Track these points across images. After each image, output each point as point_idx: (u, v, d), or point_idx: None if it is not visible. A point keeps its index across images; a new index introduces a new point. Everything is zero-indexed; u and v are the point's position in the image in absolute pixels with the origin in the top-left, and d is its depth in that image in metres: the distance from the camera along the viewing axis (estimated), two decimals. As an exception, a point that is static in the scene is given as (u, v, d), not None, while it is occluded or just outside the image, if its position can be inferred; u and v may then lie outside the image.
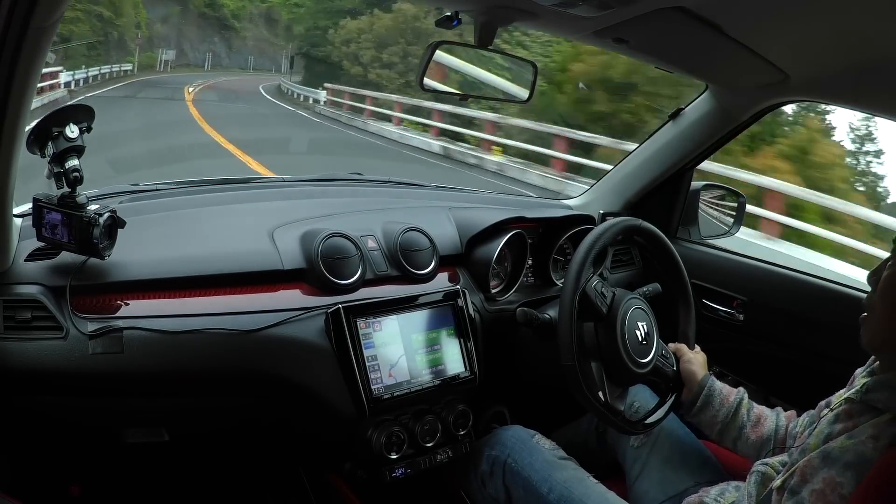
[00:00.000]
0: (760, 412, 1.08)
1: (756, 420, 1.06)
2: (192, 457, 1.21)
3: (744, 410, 1.07)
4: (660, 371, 1.14)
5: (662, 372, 1.14)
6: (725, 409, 1.07)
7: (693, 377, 1.12)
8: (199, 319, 0.98)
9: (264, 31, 34.11)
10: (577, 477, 1.07)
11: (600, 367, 1.09)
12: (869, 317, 0.82)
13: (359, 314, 1.08)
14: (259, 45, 34.14)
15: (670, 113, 1.49)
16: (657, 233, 1.21)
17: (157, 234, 1.07)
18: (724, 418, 1.07)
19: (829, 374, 1.01)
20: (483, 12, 0.97)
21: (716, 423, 1.08)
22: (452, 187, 1.69)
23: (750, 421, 1.06)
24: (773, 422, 1.06)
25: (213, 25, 32.26)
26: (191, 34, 31.10)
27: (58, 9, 0.70)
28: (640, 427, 1.11)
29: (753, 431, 1.05)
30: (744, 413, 1.07)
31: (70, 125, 0.90)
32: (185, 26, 30.55)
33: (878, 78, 1.00)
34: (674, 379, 1.15)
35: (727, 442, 1.08)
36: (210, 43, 31.98)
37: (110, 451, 1.12)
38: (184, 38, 30.47)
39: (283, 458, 1.28)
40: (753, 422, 1.06)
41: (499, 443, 1.15)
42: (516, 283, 1.33)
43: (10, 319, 0.88)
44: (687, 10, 0.87)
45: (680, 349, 1.18)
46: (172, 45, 28.09)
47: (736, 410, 1.07)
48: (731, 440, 1.07)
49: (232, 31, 33.21)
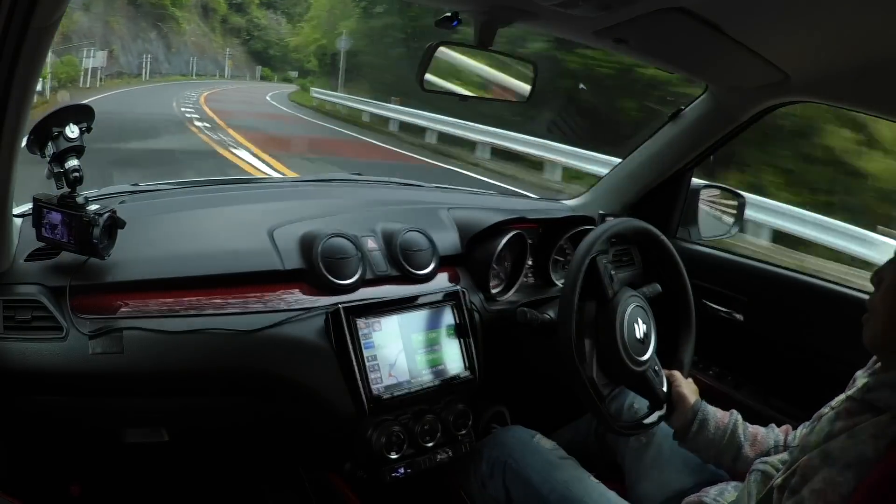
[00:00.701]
0: (756, 431, 1.06)
1: (753, 438, 1.05)
2: (192, 457, 1.22)
3: (740, 431, 1.05)
4: (649, 384, 1.11)
5: (652, 387, 1.11)
6: (721, 432, 1.05)
7: (685, 401, 1.09)
8: (199, 319, 0.98)
9: (202, 24, 26.16)
10: (577, 477, 1.06)
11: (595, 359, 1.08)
12: (871, 317, 0.82)
13: (359, 314, 1.08)
14: (199, 42, 26.62)
15: (670, 113, 1.49)
16: (657, 233, 1.21)
17: (157, 234, 1.07)
18: (721, 440, 1.05)
19: (829, 375, 1.01)
20: (483, 12, 0.97)
21: (713, 445, 1.05)
22: (452, 187, 1.69)
23: (747, 440, 1.04)
24: (770, 438, 1.05)
25: (147, 16, 24.08)
26: (121, 29, 22.98)
27: (58, 9, 0.70)
28: (625, 430, 1.09)
29: (752, 450, 1.03)
30: (740, 434, 1.05)
31: (70, 125, 0.90)
32: (114, 17, 22.30)
33: (878, 78, 1.00)
34: (661, 399, 1.11)
35: (726, 461, 1.05)
36: (146, 41, 23.75)
37: (110, 451, 1.12)
38: (112, 34, 22.33)
39: (282, 458, 1.28)
40: (750, 441, 1.04)
41: (499, 443, 1.15)
42: (516, 283, 1.33)
43: (10, 319, 0.88)
44: (687, 10, 0.87)
45: (673, 374, 1.15)
46: (98, 44, 19.62)
47: (732, 432, 1.05)
48: (730, 459, 1.05)
49: (172, 23, 25.16)
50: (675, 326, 1.22)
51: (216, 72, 27.01)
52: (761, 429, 1.07)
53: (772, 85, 1.20)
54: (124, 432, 1.07)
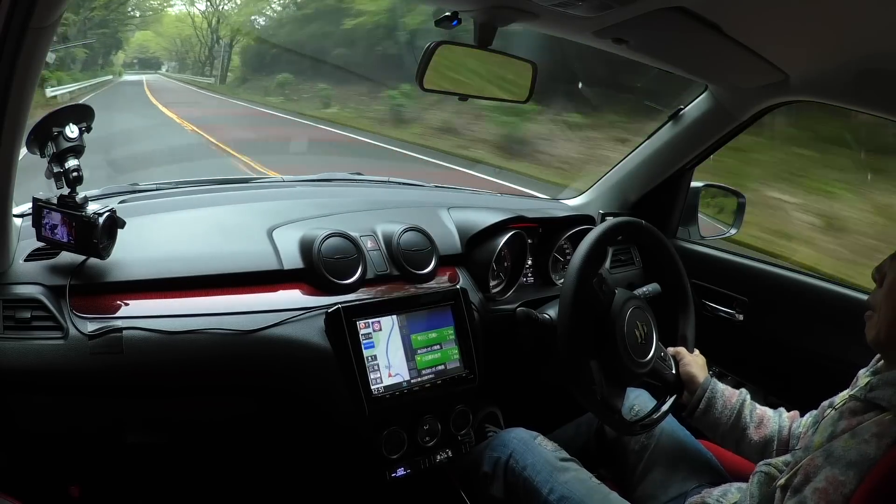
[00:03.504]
0: (763, 413, 1.08)
1: (759, 421, 1.06)
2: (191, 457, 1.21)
3: (747, 412, 1.07)
4: (659, 373, 1.13)
5: (661, 374, 1.13)
6: (728, 412, 1.07)
7: (693, 380, 1.12)
8: (199, 319, 0.98)
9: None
10: (578, 478, 1.06)
11: (599, 365, 1.09)
12: (874, 314, 0.82)
13: (358, 314, 1.08)
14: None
15: (670, 113, 1.49)
16: (656, 232, 1.21)
17: (157, 234, 1.07)
18: (727, 421, 1.06)
19: (829, 374, 1.01)
20: (483, 12, 0.97)
21: (718, 425, 1.07)
22: (452, 187, 1.69)
23: (753, 422, 1.06)
24: (775, 423, 1.06)
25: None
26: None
27: (58, 9, 0.70)
28: (638, 428, 1.11)
29: (756, 433, 1.05)
30: (747, 414, 1.07)
31: (70, 125, 0.90)
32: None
33: (878, 78, 1.00)
34: (673, 382, 1.14)
35: (730, 444, 1.08)
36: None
37: (110, 451, 1.12)
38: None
39: (282, 458, 1.28)
40: (756, 423, 1.06)
41: (501, 444, 1.15)
42: (516, 283, 1.33)
43: (9, 319, 0.88)
44: (687, 10, 0.87)
45: (679, 352, 1.17)
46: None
47: (739, 412, 1.07)
48: (733, 442, 1.07)
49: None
50: (674, 307, 1.23)
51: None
52: (769, 412, 1.08)
53: (772, 85, 1.20)
54: (124, 432, 1.07)
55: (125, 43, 25.08)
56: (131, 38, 25.96)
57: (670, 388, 1.15)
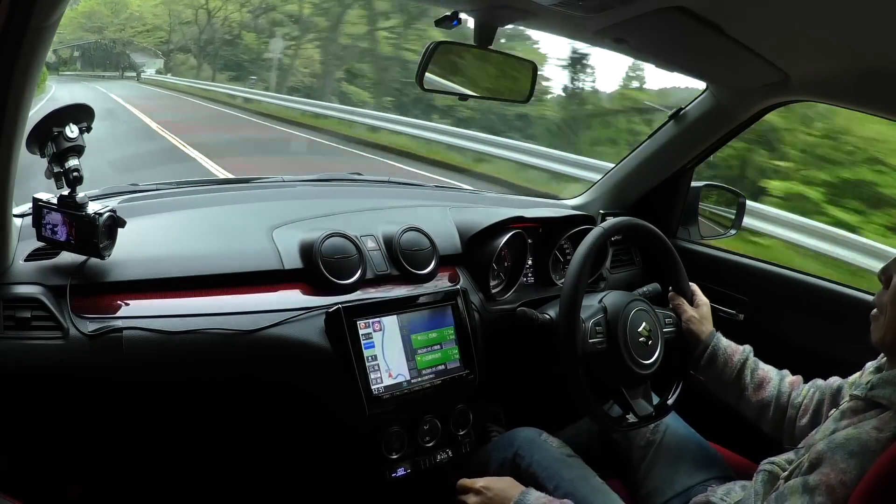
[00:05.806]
0: (764, 375, 1.09)
1: (759, 384, 1.08)
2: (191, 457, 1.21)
3: (747, 371, 1.09)
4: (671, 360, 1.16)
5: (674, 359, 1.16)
6: (729, 370, 1.09)
7: (696, 337, 1.13)
8: (199, 319, 0.98)
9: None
10: (583, 476, 1.07)
11: (601, 369, 1.09)
12: (879, 315, 0.82)
13: (358, 314, 1.08)
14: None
15: (670, 113, 1.49)
16: (657, 232, 1.21)
17: (157, 235, 1.07)
18: (728, 378, 1.09)
19: (829, 374, 1.01)
20: (483, 12, 0.97)
21: (719, 381, 1.10)
22: (452, 186, 1.69)
23: (752, 383, 1.08)
24: (774, 387, 1.08)
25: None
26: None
27: (57, 9, 0.70)
28: (655, 417, 1.13)
29: (754, 395, 1.08)
30: (747, 374, 1.09)
31: (70, 125, 0.90)
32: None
33: (878, 77, 1.00)
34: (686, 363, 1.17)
35: (729, 400, 1.11)
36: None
37: (110, 451, 1.12)
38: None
39: (282, 458, 1.28)
40: (756, 385, 1.08)
41: (507, 443, 1.15)
42: (516, 283, 1.32)
43: (9, 319, 0.88)
44: (687, 10, 0.87)
45: (679, 307, 1.17)
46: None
47: (739, 371, 1.09)
48: (733, 399, 1.11)
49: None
50: (660, 267, 1.25)
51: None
52: (772, 373, 1.10)
53: (772, 84, 1.20)
54: (124, 433, 1.07)
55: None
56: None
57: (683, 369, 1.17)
